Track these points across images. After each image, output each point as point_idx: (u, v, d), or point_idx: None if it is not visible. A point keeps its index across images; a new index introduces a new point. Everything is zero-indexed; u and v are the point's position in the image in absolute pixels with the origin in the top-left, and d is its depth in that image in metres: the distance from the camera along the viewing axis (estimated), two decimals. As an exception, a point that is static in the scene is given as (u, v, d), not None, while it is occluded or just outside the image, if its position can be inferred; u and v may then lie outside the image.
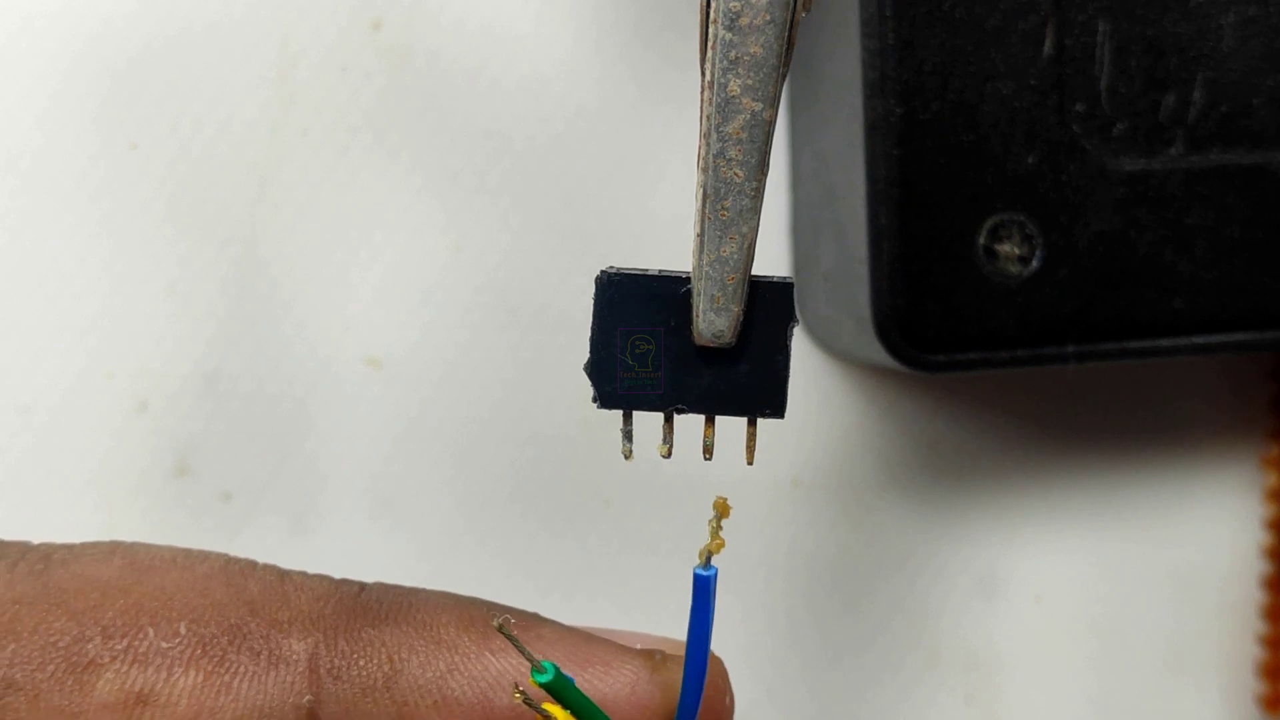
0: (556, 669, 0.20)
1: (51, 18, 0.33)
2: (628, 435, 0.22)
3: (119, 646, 0.20)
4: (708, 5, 0.20)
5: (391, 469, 0.35)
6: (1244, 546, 0.38)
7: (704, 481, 0.24)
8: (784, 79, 0.20)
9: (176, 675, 0.20)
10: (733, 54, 0.20)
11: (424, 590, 0.23)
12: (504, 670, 0.21)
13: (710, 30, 0.20)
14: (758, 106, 0.20)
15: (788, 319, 0.22)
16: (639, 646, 0.23)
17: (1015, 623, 0.38)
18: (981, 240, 0.31)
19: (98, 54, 0.33)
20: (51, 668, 0.20)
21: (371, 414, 0.35)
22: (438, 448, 0.35)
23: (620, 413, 0.22)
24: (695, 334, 0.21)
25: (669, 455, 0.22)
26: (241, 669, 0.20)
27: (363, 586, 0.23)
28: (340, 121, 0.34)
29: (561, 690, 0.20)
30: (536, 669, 0.20)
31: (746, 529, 0.36)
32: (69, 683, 0.20)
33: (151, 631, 0.20)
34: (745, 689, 0.37)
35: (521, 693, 0.20)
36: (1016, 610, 0.38)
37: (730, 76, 0.20)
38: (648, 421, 0.23)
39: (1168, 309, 0.32)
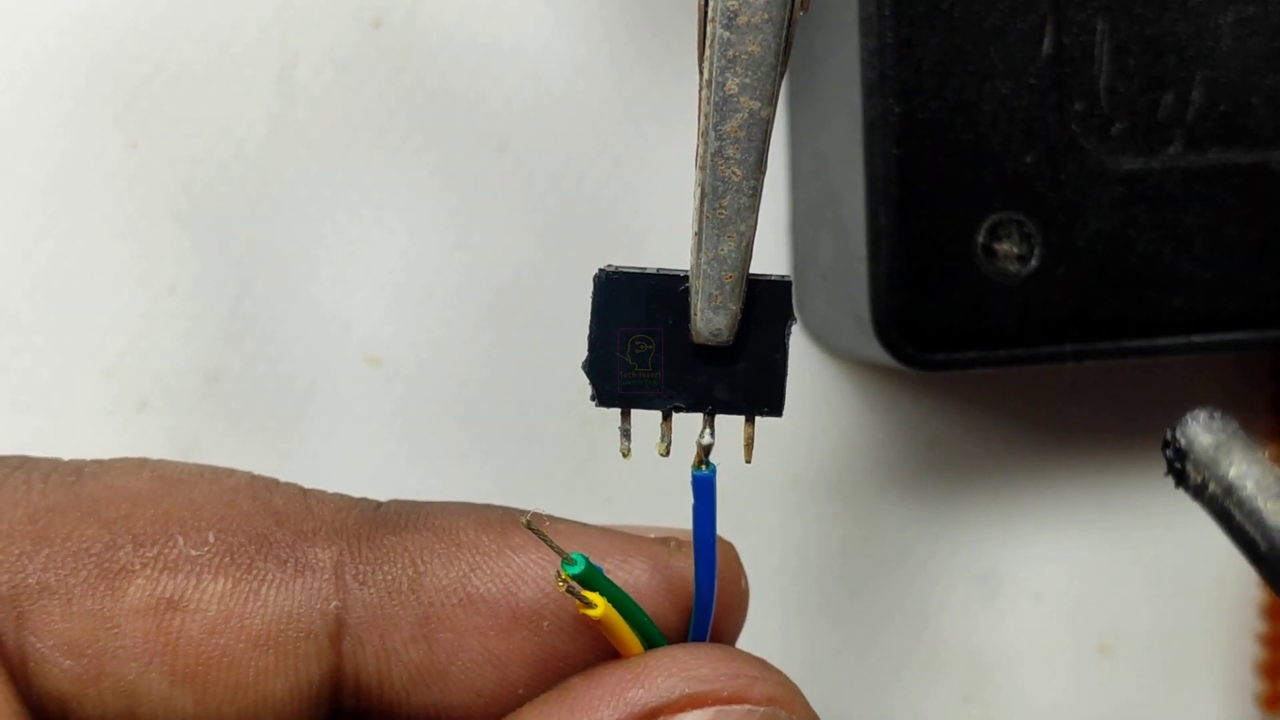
0: (587, 560, 0.21)
1: (51, 17, 0.33)
2: (626, 434, 0.22)
3: (149, 554, 0.21)
4: (705, 4, 0.20)
5: (391, 469, 0.35)
6: (1243, 546, 0.38)
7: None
8: (782, 78, 0.20)
9: (206, 582, 0.21)
10: (730, 53, 0.20)
11: (439, 502, 0.23)
12: (525, 566, 0.22)
13: (708, 29, 0.20)
14: (755, 105, 0.20)
15: (786, 318, 0.22)
16: (652, 536, 0.23)
17: (1015, 621, 0.38)
18: (980, 239, 0.31)
19: (96, 51, 0.33)
20: (84, 573, 0.20)
21: (371, 414, 0.35)
22: (438, 447, 0.35)
23: (619, 411, 0.22)
24: (693, 332, 0.22)
25: (667, 453, 0.22)
26: (269, 576, 0.21)
27: (380, 503, 0.23)
28: (340, 121, 0.34)
29: (591, 580, 0.21)
30: (567, 561, 0.21)
31: (746, 528, 0.36)
32: (101, 588, 0.20)
33: (181, 540, 0.21)
34: (745, 688, 0.37)
35: (565, 580, 0.21)
36: (1016, 609, 0.38)
37: (728, 75, 0.20)
38: (647, 420, 0.23)
39: (1166, 308, 0.32)
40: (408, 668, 0.22)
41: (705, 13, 0.20)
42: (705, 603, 0.23)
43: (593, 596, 0.21)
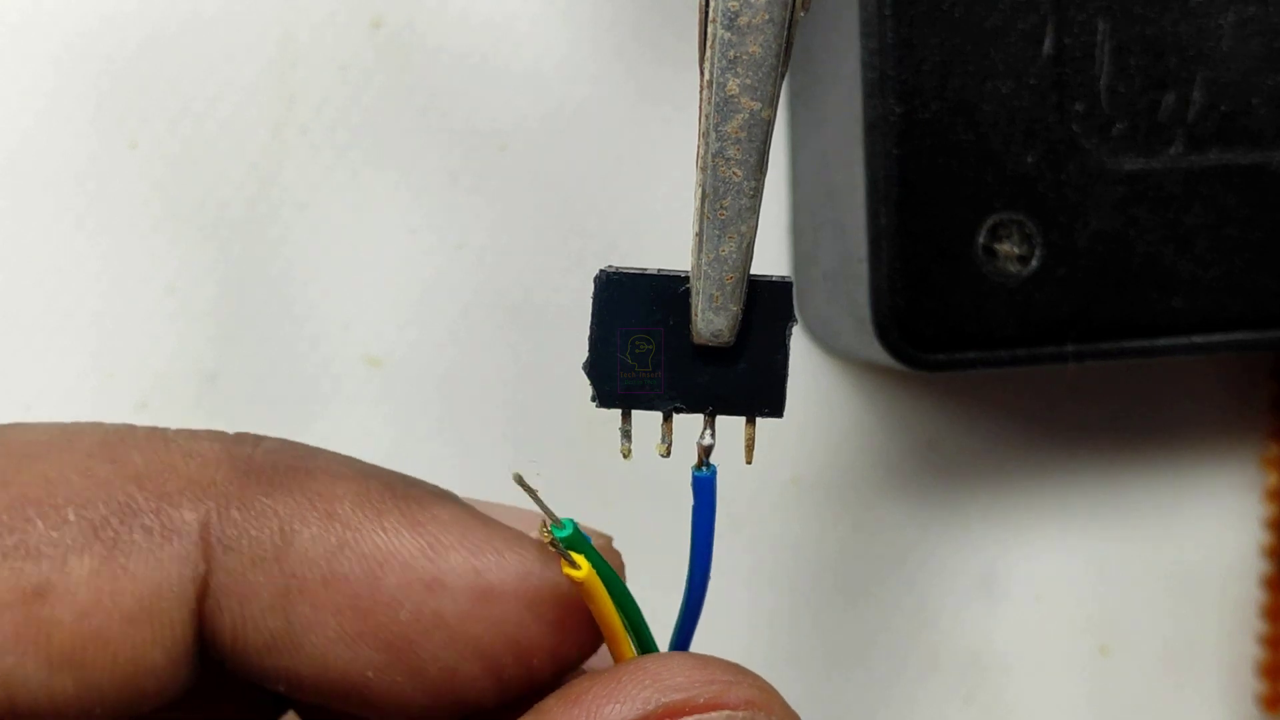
0: (575, 525, 0.21)
1: (50, 16, 0.33)
2: (626, 434, 0.22)
3: (8, 543, 0.20)
4: (706, 4, 0.20)
5: (391, 468, 0.35)
6: (1244, 546, 0.38)
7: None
8: (783, 78, 0.20)
9: (71, 563, 0.20)
10: (731, 53, 0.20)
11: (325, 453, 0.22)
12: (394, 549, 0.21)
13: (709, 29, 0.20)
14: (756, 106, 0.20)
15: (787, 318, 0.22)
16: (535, 534, 0.22)
17: (1015, 622, 0.38)
18: (981, 239, 0.31)
19: (97, 52, 0.33)
20: None
21: (371, 414, 0.35)
22: (438, 448, 0.35)
23: (619, 412, 0.22)
24: (694, 333, 0.21)
25: (668, 454, 0.22)
26: (135, 547, 0.20)
27: (258, 442, 0.22)
28: (340, 121, 0.34)
29: (575, 545, 0.21)
30: (556, 524, 0.21)
31: (746, 528, 0.36)
32: None
33: (40, 523, 0.20)
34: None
35: (551, 539, 0.21)
36: (1016, 610, 0.38)
37: (729, 76, 0.20)
38: (647, 421, 0.23)
39: (1167, 308, 0.32)
40: (262, 634, 0.21)
41: (706, 13, 0.20)
42: (694, 607, 0.23)
43: (578, 558, 0.21)
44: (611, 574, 0.22)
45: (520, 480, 0.21)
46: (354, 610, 0.21)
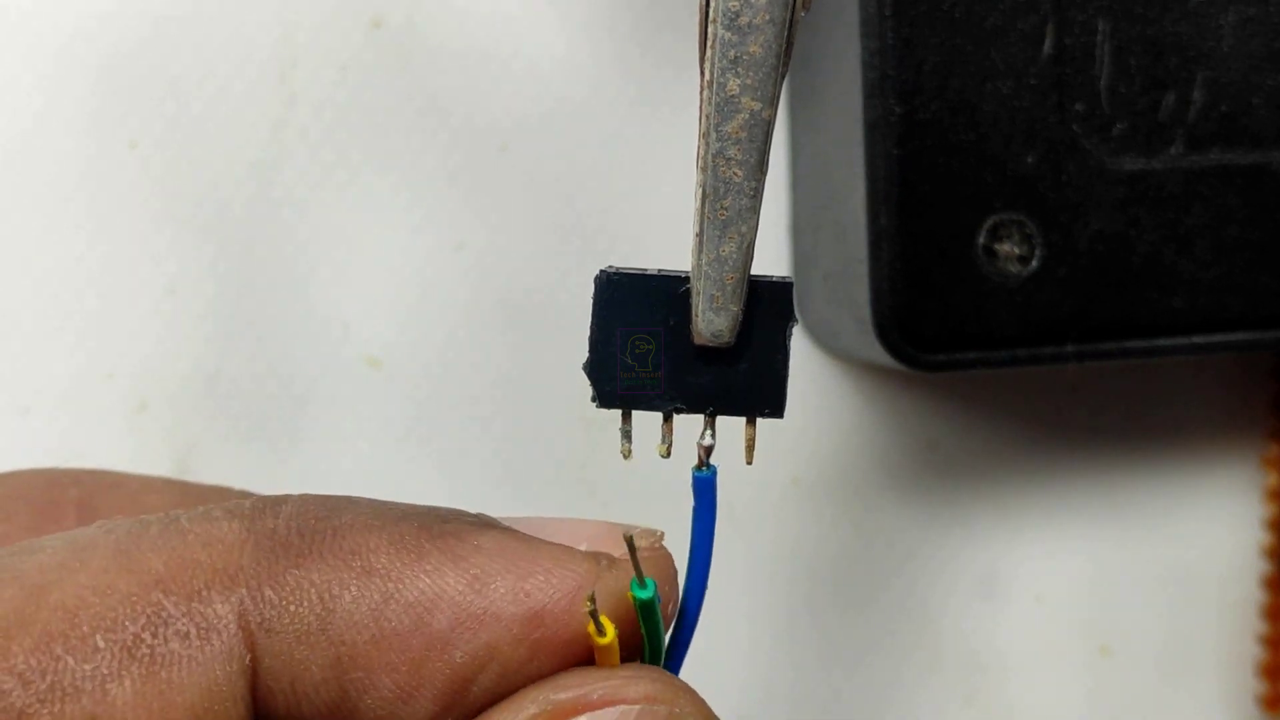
0: (655, 587, 0.20)
1: (50, 16, 0.33)
2: (627, 435, 0.22)
3: (41, 687, 0.18)
4: (707, 4, 0.20)
5: (391, 470, 0.35)
6: (1244, 546, 0.38)
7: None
8: (783, 78, 0.20)
9: (112, 691, 0.19)
10: (732, 53, 0.20)
11: (351, 504, 0.21)
12: (440, 590, 0.20)
13: (709, 29, 0.20)
14: (757, 106, 0.20)
15: (787, 318, 0.22)
16: (584, 547, 0.22)
17: (1016, 623, 0.38)
18: (981, 240, 0.31)
19: (97, 52, 0.33)
20: None
21: (371, 414, 0.35)
22: (438, 448, 0.35)
23: (619, 412, 0.22)
24: (694, 333, 0.21)
25: (668, 455, 0.22)
26: (174, 657, 0.19)
27: (278, 510, 0.21)
28: (340, 121, 0.34)
29: (648, 609, 0.21)
30: (640, 585, 0.20)
31: (746, 529, 0.36)
32: None
33: (71, 660, 0.19)
34: (745, 689, 0.37)
35: (593, 604, 0.20)
36: (1017, 610, 0.38)
37: (729, 76, 0.20)
38: (648, 421, 0.23)
39: (1167, 308, 0.32)
40: (317, 708, 0.20)
41: (706, 13, 0.20)
42: (693, 607, 0.22)
43: (606, 623, 0.20)
44: (658, 634, 0.21)
45: (629, 540, 0.20)
46: (408, 664, 0.20)
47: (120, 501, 0.26)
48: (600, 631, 0.20)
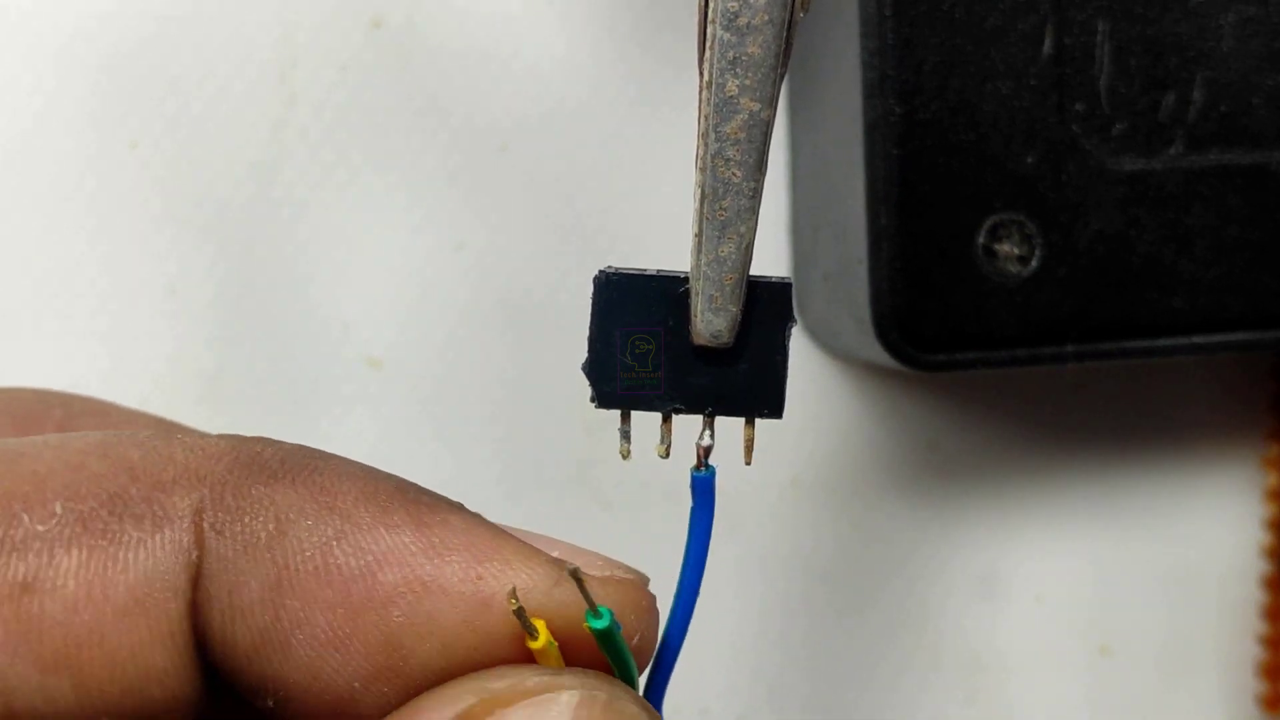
0: (612, 616, 0.20)
1: (50, 16, 0.33)
2: (625, 435, 0.22)
3: None
4: (706, 5, 0.20)
5: (391, 469, 0.35)
6: (1244, 546, 0.38)
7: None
8: (782, 79, 0.20)
9: (59, 557, 0.19)
10: (731, 54, 0.20)
11: (337, 458, 0.22)
12: (394, 547, 0.20)
13: (708, 30, 0.20)
14: (756, 107, 0.20)
15: (786, 319, 0.22)
16: (555, 554, 0.21)
17: (1016, 623, 0.38)
18: (981, 240, 0.31)
19: (97, 52, 0.33)
20: None
21: (371, 414, 0.35)
22: (437, 448, 0.35)
23: (619, 413, 0.22)
24: (693, 334, 0.21)
25: (667, 455, 0.22)
26: (125, 537, 0.20)
27: (270, 443, 0.21)
28: (340, 121, 0.34)
29: (608, 638, 0.20)
30: (594, 615, 0.20)
31: (746, 529, 0.36)
32: None
33: (26, 517, 0.19)
34: (745, 689, 0.37)
35: (517, 602, 0.20)
36: (1017, 610, 0.38)
37: (728, 77, 0.20)
38: (647, 422, 0.23)
39: (1167, 309, 0.32)
40: (251, 631, 0.20)
41: (705, 14, 0.20)
42: (687, 607, 0.22)
43: (539, 625, 0.20)
44: (627, 662, 0.21)
45: (575, 574, 0.20)
46: (345, 608, 0.20)
47: (103, 427, 0.26)
48: (531, 633, 0.20)
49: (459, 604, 0.20)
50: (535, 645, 0.20)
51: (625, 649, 0.21)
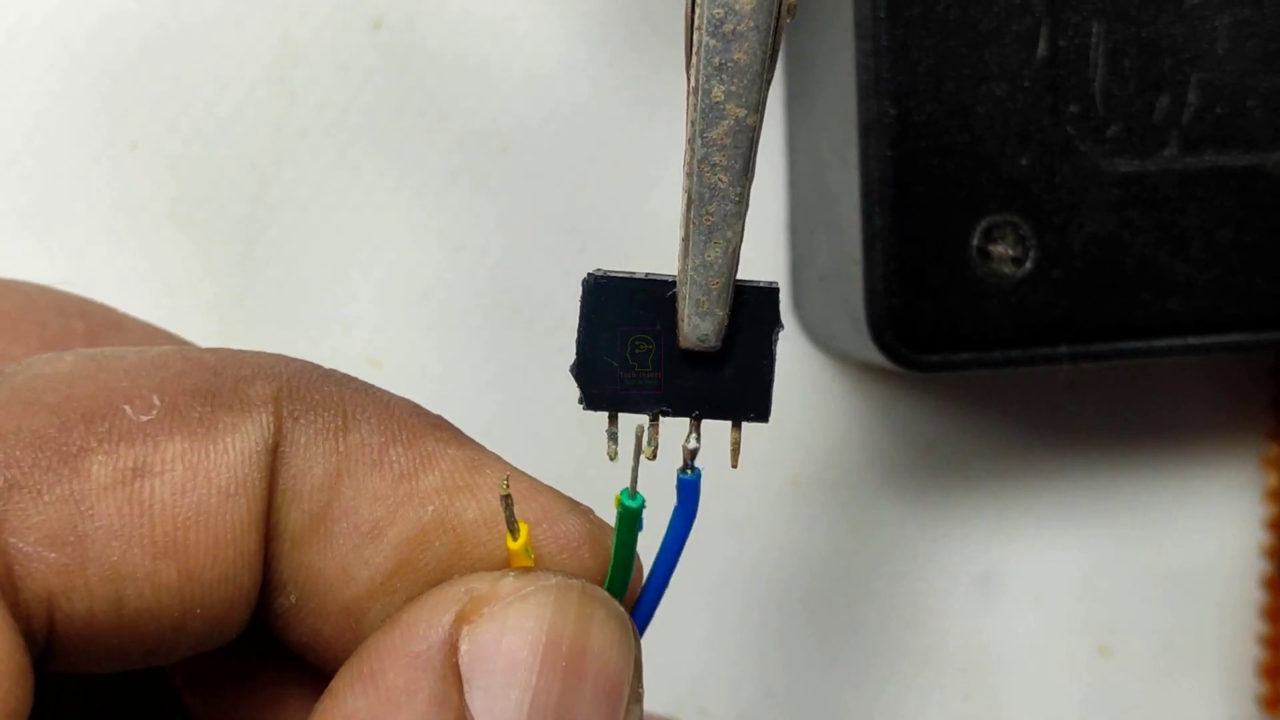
0: (643, 502, 0.22)
1: (51, 17, 0.33)
2: (613, 437, 0.23)
3: (102, 429, 0.20)
4: (692, 12, 0.20)
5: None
6: (1244, 546, 0.38)
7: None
8: (768, 85, 0.20)
9: (163, 444, 0.20)
10: (716, 60, 0.20)
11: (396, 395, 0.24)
12: (440, 454, 0.22)
13: (694, 36, 0.20)
14: (741, 113, 0.20)
15: (773, 324, 0.22)
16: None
17: (1014, 622, 0.38)
18: (975, 241, 0.31)
19: (98, 53, 0.33)
20: (45, 462, 0.20)
21: (371, 413, 0.35)
22: (437, 447, 0.35)
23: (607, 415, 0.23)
24: (681, 337, 0.22)
25: (654, 457, 0.22)
26: (220, 423, 0.21)
27: (322, 366, 0.23)
28: (340, 121, 0.34)
29: (628, 517, 0.22)
30: (630, 494, 0.22)
31: (744, 528, 0.36)
32: (65, 473, 0.20)
33: (128, 409, 0.21)
34: (745, 688, 0.37)
35: (507, 488, 0.22)
36: (1015, 610, 0.38)
37: (714, 83, 0.20)
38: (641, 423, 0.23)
39: (1161, 310, 0.32)
40: (304, 516, 0.22)
41: (692, 20, 0.20)
42: (645, 613, 0.23)
43: (522, 526, 0.22)
44: (626, 552, 0.22)
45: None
46: (390, 500, 0.22)
47: (126, 343, 0.27)
48: (512, 531, 0.21)
49: (484, 505, 0.22)
50: (513, 546, 0.22)
51: (634, 544, 0.22)
